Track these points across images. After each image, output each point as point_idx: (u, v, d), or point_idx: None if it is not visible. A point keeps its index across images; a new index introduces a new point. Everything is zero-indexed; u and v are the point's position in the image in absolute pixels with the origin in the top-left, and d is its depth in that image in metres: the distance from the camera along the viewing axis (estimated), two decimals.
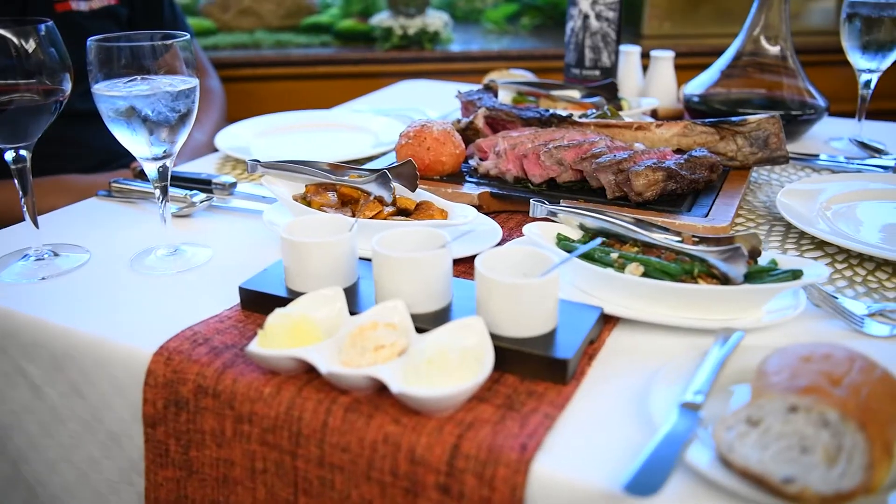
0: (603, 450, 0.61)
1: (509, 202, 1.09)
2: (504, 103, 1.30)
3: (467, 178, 1.15)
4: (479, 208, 1.06)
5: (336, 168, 1.04)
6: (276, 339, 0.70)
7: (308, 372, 0.70)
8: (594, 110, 1.30)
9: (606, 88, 1.47)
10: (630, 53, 1.67)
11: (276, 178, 1.04)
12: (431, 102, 1.78)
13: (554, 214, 0.91)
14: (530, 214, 0.92)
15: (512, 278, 0.70)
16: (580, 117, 1.25)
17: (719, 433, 0.57)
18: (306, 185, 1.03)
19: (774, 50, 1.41)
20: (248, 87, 2.47)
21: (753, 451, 0.55)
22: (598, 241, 0.73)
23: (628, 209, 1.01)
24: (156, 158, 0.91)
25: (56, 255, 0.98)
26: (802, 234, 1.02)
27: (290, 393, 0.68)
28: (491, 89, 1.42)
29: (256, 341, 0.70)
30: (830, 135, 1.49)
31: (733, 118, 1.16)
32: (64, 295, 0.88)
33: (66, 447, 0.85)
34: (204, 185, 1.20)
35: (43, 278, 0.92)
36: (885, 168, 1.25)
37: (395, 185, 0.97)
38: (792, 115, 1.39)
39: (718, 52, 1.48)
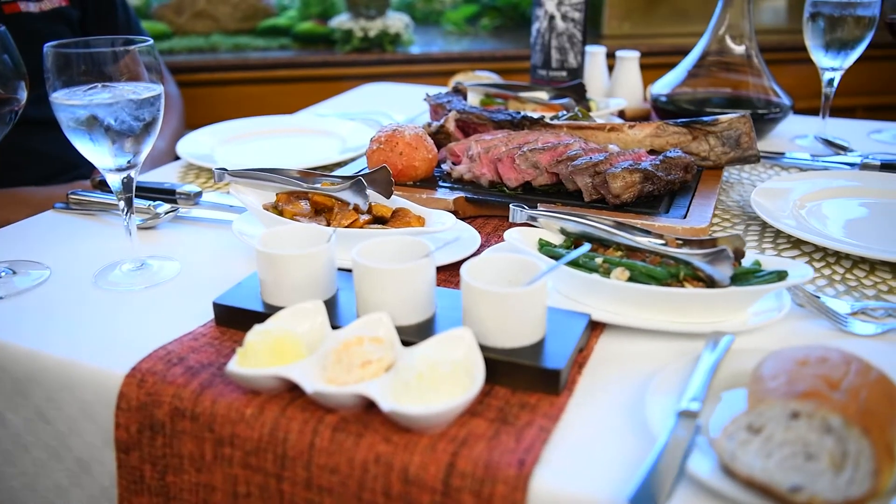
0: (602, 462, 0.59)
1: (485, 207, 1.07)
2: (474, 106, 1.28)
3: (440, 184, 1.13)
4: (454, 214, 1.04)
5: (306, 175, 1.01)
6: (257, 357, 0.67)
7: (291, 390, 0.67)
8: (565, 112, 1.29)
9: (575, 89, 1.46)
10: (595, 54, 1.66)
11: (244, 187, 1.01)
12: (396, 105, 1.76)
13: (534, 219, 0.89)
14: (510, 220, 0.91)
15: (500, 287, 0.68)
16: (552, 119, 1.24)
17: (720, 442, 0.56)
18: (277, 194, 0.99)
19: (739, 49, 1.42)
20: (206, 91, 2.41)
21: (757, 460, 0.54)
22: (587, 247, 0.71)
23: (606, 212, 1.00)
24: (120, 169, 0.87)
25: (13, 272, 0.93)
26: (778, 233, 1.03)
27: (274, 413, 0.65)
28: (460, 92, 1.40)
29: (235, 360, 0.67)
30: (795, 133, 1.51)
31: (705, 118, 1.16)
32: (24, 315, 0.83)
33: (29, 475, 0.81)
34: (167, 195, 1.16)
35: (0, 298, 0.87)
36: (851, 165, 1.26)
37: (369, 192, 0.95)
38: (758, 113, 1.40)
39: (677, 52, 1.49)
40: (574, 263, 0.81)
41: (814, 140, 1.43)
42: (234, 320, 0.78)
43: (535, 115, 1.22)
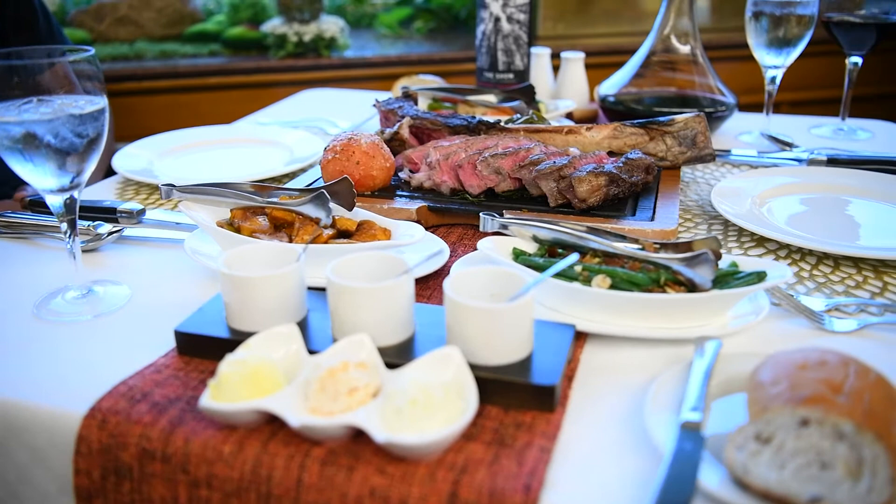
0: (609, 481, 0.57)
1: (448, 215, 1.04)
2: (428, 111, 1.25)
3: (398, 193, 1.09)
4: (416, 223, 1.01)
5: (261, 189, 0.96)
6: (232, 389, 0.62)
7: (271, 422, 0.63)
8: (519, 115, 1.27)
9: (524, 92, 1.45)
10: (540, 55, 1.66)
11: (195, 204, 0.95)
12: (338, 112, 1.71)
13: (505, 227, 0.87)
14: (481, 229, 0.88)
15: (488, 303, 0.65)
16: (506, 123, 1.22)
17: (730, 453, 0.55)
18: (232, 210, 0.94)
19: (685, 49, 1.44)
20: (132, 101, 2.30)
21: (770, 471, 0.53)
22: (575, 256, 0.69)
23: (574, 217, 0.99)
24: (62, 189, 0.80)
25: None
26: (741, 232, 1.03)
27: (255, 449, 0.60)
28: (410, 97, 1.37)
29: (208, 393, 0.62)
30: (739, 130, 1.53)
31: (661, 118, 1.16)
32: None
33: None
34: (107, 213, 1.09)
35: None
36: (799, 161, 1.29)
37: (330, 204, 0.90)
38: (706, 112, 1.41)
39: (612, 51, 1.50)
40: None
41: (759, 136, 1.46)
42: (199, 349, 0.73)
43: (492, 119, 1.20)
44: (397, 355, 0.68)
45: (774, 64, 1.40)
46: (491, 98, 1.46)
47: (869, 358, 0.65)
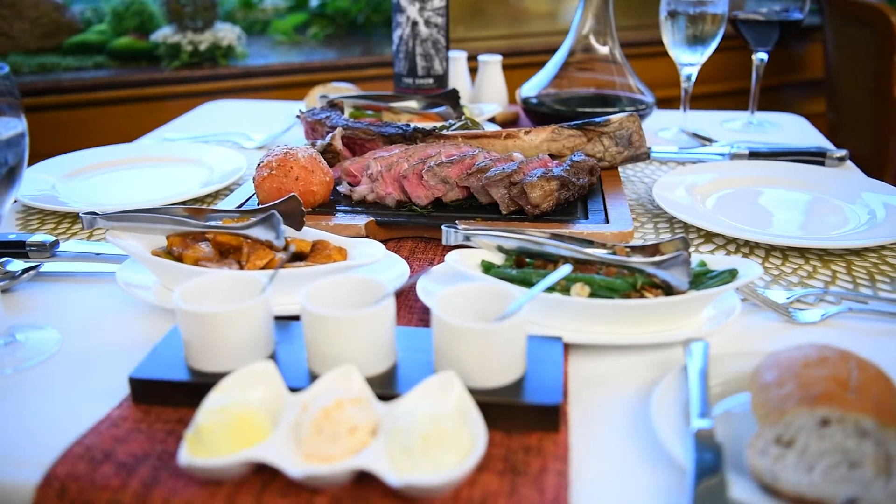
0: (634, 499, 0.55)
1: (397, 229, 1.00)
2: (359, 120, 1.20)
3: (339, 208, 1.04)
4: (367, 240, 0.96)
5: (196, 213, 0.89)
6: (214, 441, 0.56)
7: (259, 472, 0.57)
8: (452, 121, 1.24)
9: (448, 96, 1.42)
10: (457, 59, 1.64)
11: (123, 233, 0.86)
12: (249, 124, 1.63)
13: (468, 239, 0.84)
14: (444, 242, 0.84)
15: (482, 323, 0.62)
16: (441, 129, 1.19)
17: (754, 460, 0.54)
18: (168, 237, 0.86)
19: (604, 50, 1.45)
20: None
21: (799, 475, 0.52)
22: (567, 268, 0.67)
23: (528, 224, 0.97)
24: None
25: None
26: (687, 228, 1.04)
27: None
28: (336, 106, 1.32)
29: (186, 448, 0.56)
30: (658, 127, 1.56)
31: (596, 119, 1.16)
32: None
33: None
34: (15, 248, 0.98)
35: None
36: (721, 155, 1.32)
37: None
38: (626, 111, 1.43)
39: (515, 53, 1.49)
40: (527, 283, 0.77)
41: (678, 133, 1.49)
42: (160, 395, 0.66)
43: (427, 127, 1.16)
44: (383, 385, 0.64)
45: (690, 62, 1.43)
46: (413, 104, 1.43)
47: (843, 346, 0.66)
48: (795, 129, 1.57)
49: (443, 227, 0.84)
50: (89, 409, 0.66)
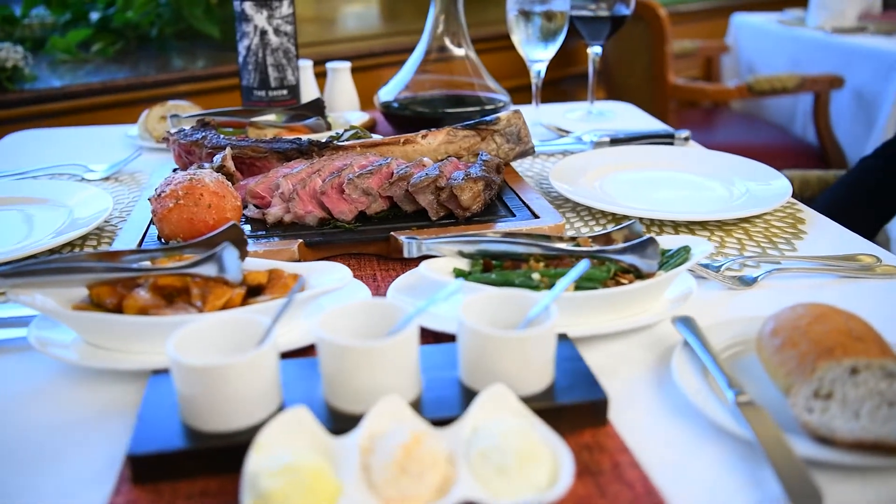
0: (716, 477, 0.57)
1: (327, 248, 0.94)
2: (247, 138, 1.12)
3: (250, 233, 0.96)
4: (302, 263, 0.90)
5: (109, 257, 0.78)
6: None
7: None
8: (342, 131, 1.20)
9: (313, 107, 1.37)
10: (304, 68, 1.57)
11: (26, 290, 0.73)
12: (77, 155, 1.44)
13: (429, 249, 0.81)
14: (406, 255, 0.82)
15: (517, 331, 0.61)
16: (332, 140, 1.14)
17: (804, 417, 0.58)
18: (91, 288, 0.74)
19: (459, 51, 1.47)
20: None
21: (849, 422, 0.57)
22: (586, 263, 0.67)
23: (462, 227, 0.96)
24: None
25: None
26: (590, 212, 1.09)
27: None
28: (209, 125, 1.21)
29: None
30: None
31: (486, 118, 1.18)
32: None
33: None
34: None
35: None
36: (584, 143, 1.40)
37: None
38: (486, 110, 1.46)
39: (353, 57, 1.47)
40: (511, 283, 0.76)
41: (536, 125, 1.56)
42: (167, 470, 0.57)
43: (322, 139, 1.11)
44: (428, 410, 0.61)
45: (540, 58, 1.50)
46: (272, 117, 1.36)
47: (780, 304, 0.71)
48: (628, 115, 1.70)
49: (403, 239, 0.81)
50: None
